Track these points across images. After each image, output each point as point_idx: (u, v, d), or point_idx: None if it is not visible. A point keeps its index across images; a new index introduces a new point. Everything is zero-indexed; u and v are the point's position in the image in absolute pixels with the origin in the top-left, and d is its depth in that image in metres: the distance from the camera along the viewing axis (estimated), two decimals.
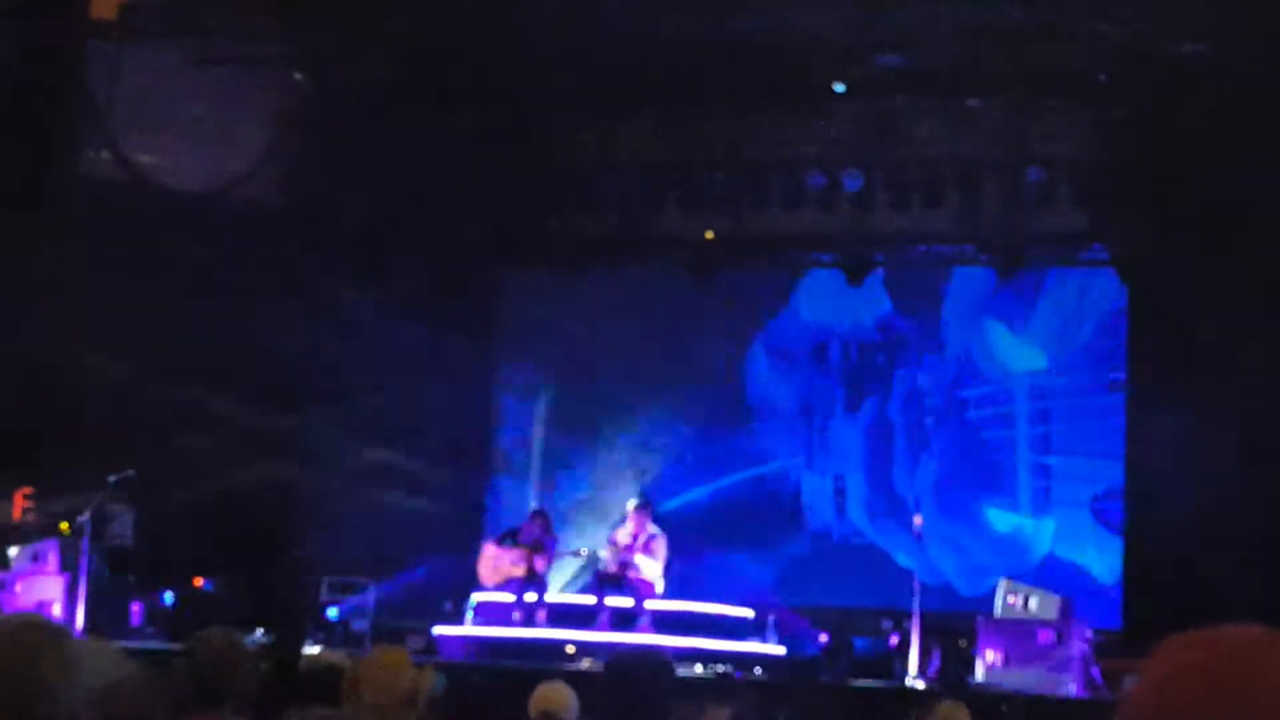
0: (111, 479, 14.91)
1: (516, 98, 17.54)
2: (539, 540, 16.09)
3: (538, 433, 19.33)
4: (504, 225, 18.60)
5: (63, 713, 2.40)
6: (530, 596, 15.72)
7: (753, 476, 18.66)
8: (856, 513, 18.45)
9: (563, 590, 17.08)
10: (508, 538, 16.26)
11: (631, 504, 16.18)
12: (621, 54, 16.89)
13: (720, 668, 14.67)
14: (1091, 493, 17.75)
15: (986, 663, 13.76)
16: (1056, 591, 14.54)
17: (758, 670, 14.86)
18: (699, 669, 14.45)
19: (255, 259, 17.07)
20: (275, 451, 17.40)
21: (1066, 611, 14.05)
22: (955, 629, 14.83)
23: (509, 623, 15.66)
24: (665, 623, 15.41)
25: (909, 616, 14.40)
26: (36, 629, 2.48)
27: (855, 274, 18.28)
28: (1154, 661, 1.66)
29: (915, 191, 17.69)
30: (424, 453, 18.08)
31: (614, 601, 15.52)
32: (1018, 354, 18.18)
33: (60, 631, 2.52)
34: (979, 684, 13.57)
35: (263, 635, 13.77)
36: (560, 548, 16.50)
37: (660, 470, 18.66)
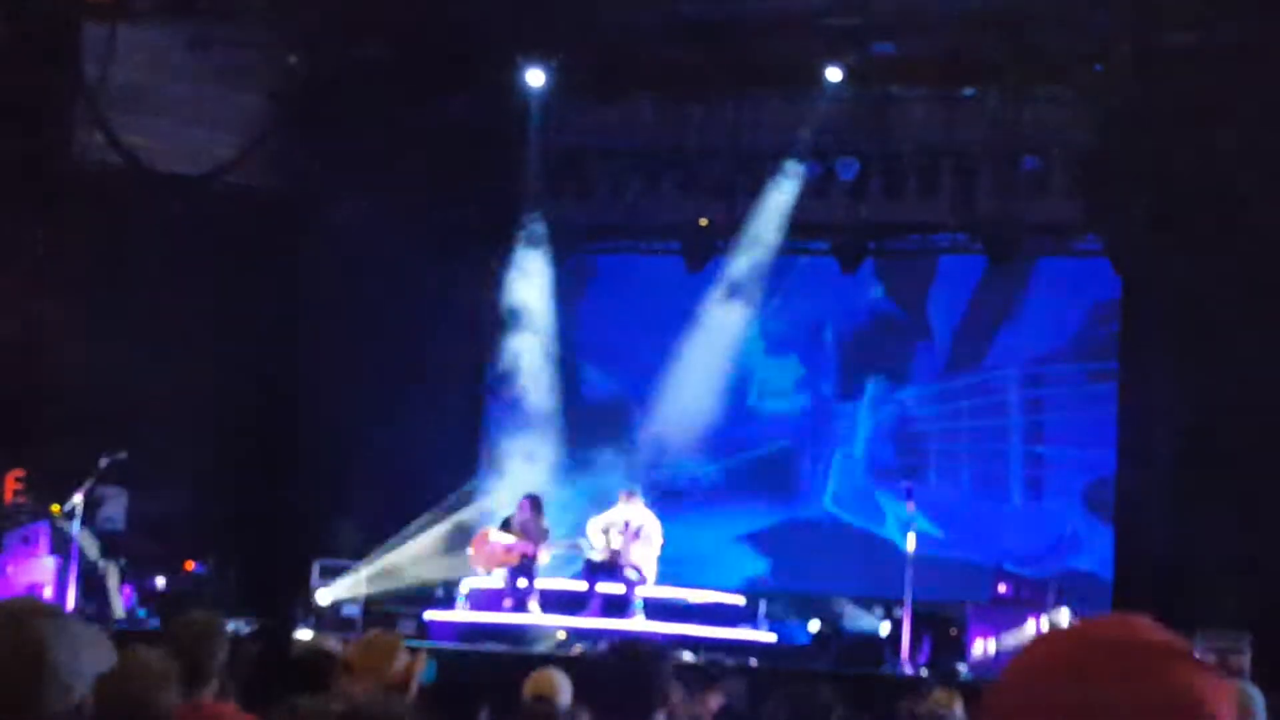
0: (103, 461, 14.86)
1: (509, 81, 17.51)
2: (529, 525, 16.05)
3: (532, 419, 19.26)
4: (497, 210, 18.54)
5: (72, 698, 2.38)
6: (521, 582, 15.69)
7: (749, 461, 18.63)
8: (848, 497, 18.45)
9: (554, 576, 17.05)
10: (503, 526, 16.23)
11: (623, 491, 16.15)
12: (616, 38, 16.87)
13: (711, 655, 14.65)
14: (1083, 483, 17.75)
15: (977, 651, 13.76)
16: (1047, 580, 14.56)
17: (749, 658, 14.84)
18: (689, 656, 14.43)
19: (247, 241, 17.03)
20: (269, 434, 17.37)
21: (1058, 599, 14.06)
22: (946, 617, 14.83)
23: (500, 608, 15.63)
24: (656, 609, 15.40)
25: (900, 604, 14.39)
26: (41, 613, 2.46)
27: (849, 261, 18.23)
28: (1019, 657, 1.63)
29: (909, 179, 17.66)
30: (416, 439, 18.02)
31: (605, 588, 15.50)
32: (1010, 343, 18.18)
33: (63, 615, 2.51)
34: (970, 672, 13.57)
35: (254, 620, 13.75)
36: (553, 538, 16.44)
37: (656, 456, 18.62)
